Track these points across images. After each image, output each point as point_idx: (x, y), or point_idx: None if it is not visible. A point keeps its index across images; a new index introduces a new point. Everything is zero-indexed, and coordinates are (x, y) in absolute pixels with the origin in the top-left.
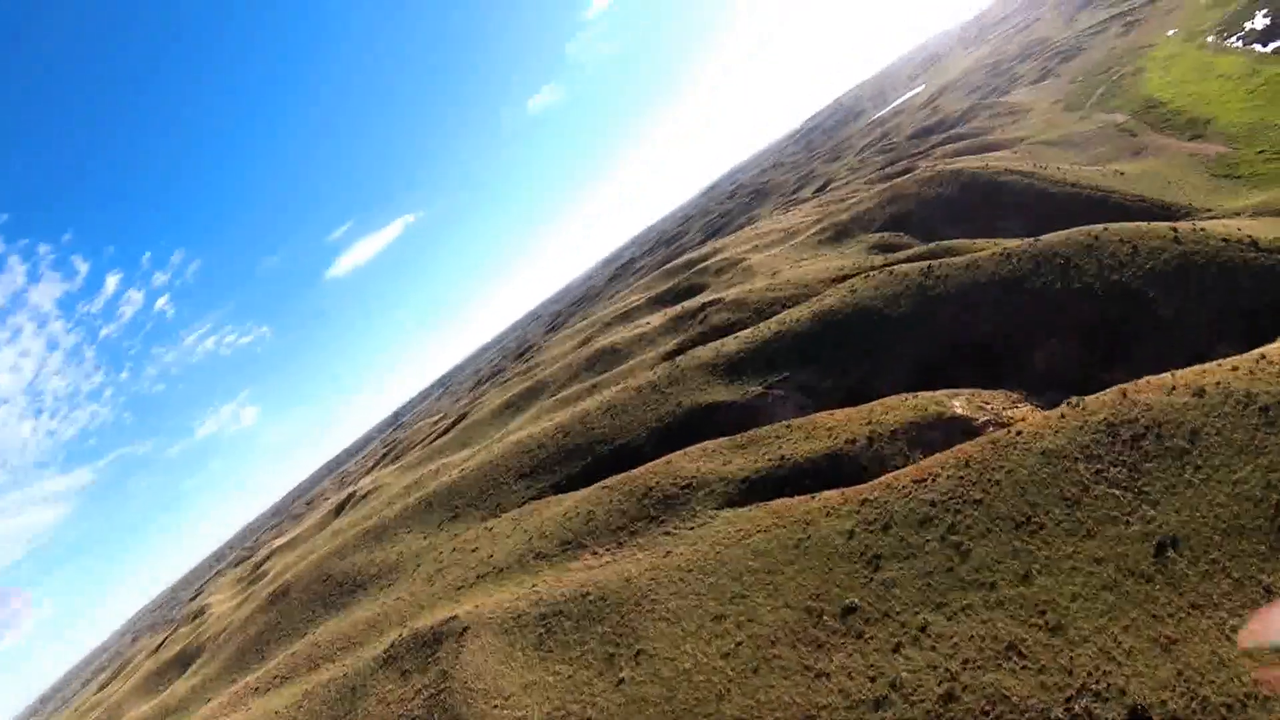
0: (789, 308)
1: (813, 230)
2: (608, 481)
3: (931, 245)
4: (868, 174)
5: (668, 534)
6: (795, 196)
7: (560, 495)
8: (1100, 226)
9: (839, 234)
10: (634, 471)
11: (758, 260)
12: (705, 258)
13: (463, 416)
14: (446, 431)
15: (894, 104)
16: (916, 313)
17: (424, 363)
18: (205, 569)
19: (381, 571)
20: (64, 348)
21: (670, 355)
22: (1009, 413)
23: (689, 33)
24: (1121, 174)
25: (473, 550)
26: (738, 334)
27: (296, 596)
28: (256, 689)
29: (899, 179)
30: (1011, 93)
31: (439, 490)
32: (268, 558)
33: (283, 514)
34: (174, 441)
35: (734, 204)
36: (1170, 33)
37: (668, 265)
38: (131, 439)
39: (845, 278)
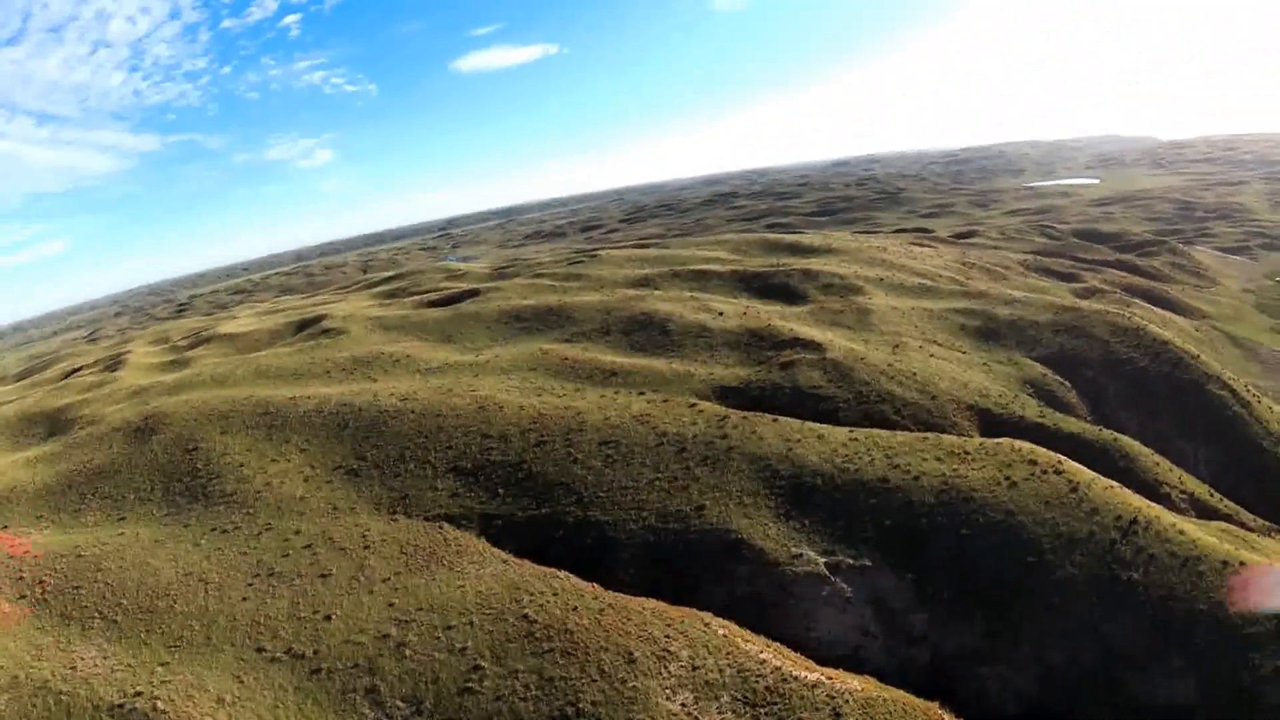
0: (904, 418)
1: (957, 305)
2: (544, 600)
3: (1108, 438)
4: (1022, 247)
5: None
6: (926, 225)
7: (481, 546)
8: None
9: (989, 333)
10: (583, 615)
11: (879, 304)
12: (813, 250)
13: (473, 293)
14: (446, 302)
15: (1060, 180)
16: (1095, 592)
17: (500, 186)
18: (214, 277)
19: (237, 498)
20: (184, 21)
21: (728, 394)
22: None
23: (899, 7)
24: None
25: (321, 576)
26: (823, 433)
27: (157, 449)
28: (22, 597)
29: (1082, 303)
30: (1197, 245)
31: (365, 412)
32: (208, 340)
33: (298, 268)
34: (244, 150)
35: (859, 193)
36: None
37: (769, 235)
38: (207, 130)
39: (992, 418)
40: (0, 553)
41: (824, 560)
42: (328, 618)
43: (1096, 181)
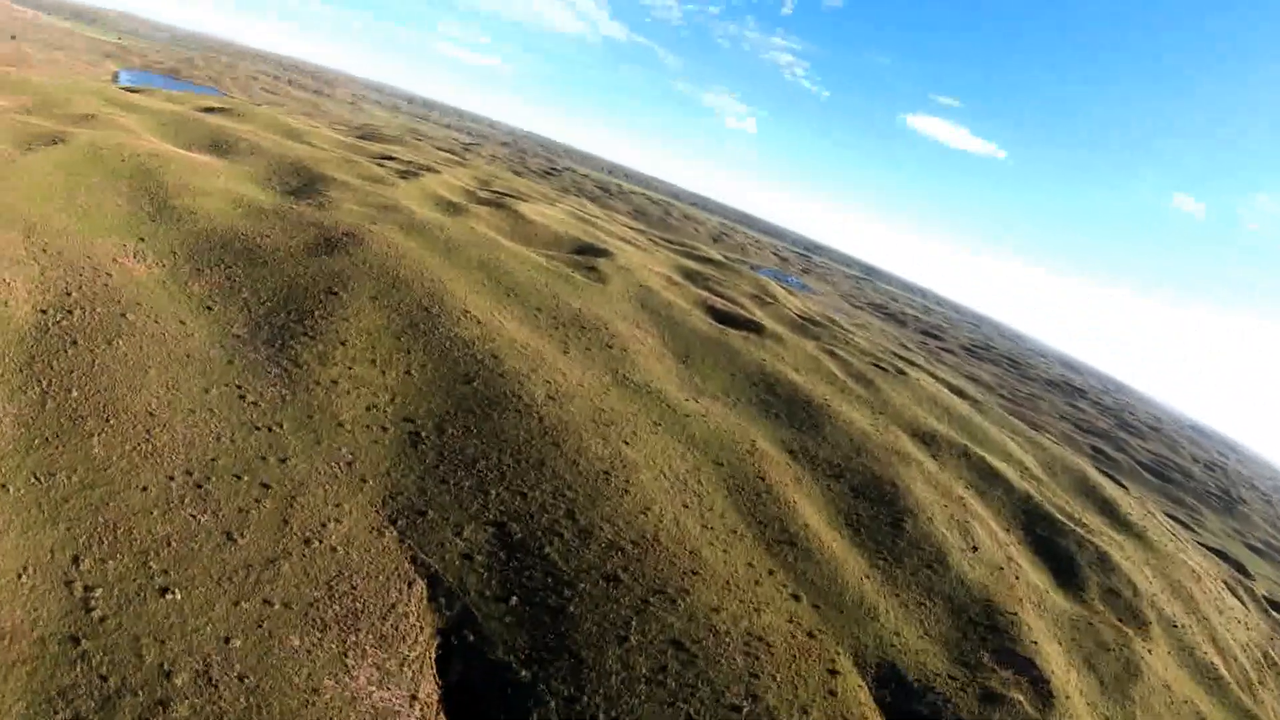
0: None
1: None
2: None
3: None
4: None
5: None
6: (1248, 565)
7: (419, 649)
8: None
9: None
10: None
11: (1154, 667)
12: (1126, 525)
13: (755, 328)
14: (720, 318)
15: None
16: None
17: (883, 243)
18: (593, 164)
19: (294, 375)
20: None
21: (887, 684)
22: None
23: None
24: None
25: (228, 536)
26: None
27: (313, 268)
28: (43, 311)
29: None
30: None
31: (500, 381)
32: (499, 206)
33: (663, 202)
34: (685, 80)
35: (1202, 476)
36: None
37: (1090, 472)
38: (669, 48)
39: None
40: (105, 268)
41: None
42: (164, 591)
43: None
